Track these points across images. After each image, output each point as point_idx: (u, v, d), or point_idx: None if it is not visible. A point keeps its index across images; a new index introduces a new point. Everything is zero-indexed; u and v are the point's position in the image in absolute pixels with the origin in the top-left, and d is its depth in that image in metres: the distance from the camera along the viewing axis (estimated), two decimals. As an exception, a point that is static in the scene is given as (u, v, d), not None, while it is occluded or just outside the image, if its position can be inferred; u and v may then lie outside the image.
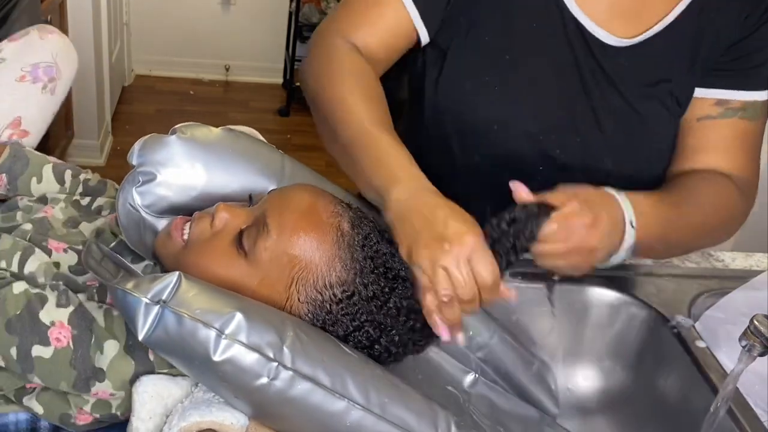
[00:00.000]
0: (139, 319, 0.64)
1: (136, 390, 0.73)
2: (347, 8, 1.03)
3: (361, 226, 0.77)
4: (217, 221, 0.78)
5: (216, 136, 0.87)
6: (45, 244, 0.84)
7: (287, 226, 0.75)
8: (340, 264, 0.74)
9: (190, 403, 0.71)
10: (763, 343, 0.81)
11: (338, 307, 0.74)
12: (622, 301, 1.11)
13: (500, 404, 0.98)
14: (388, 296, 0.75)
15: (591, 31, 0.99)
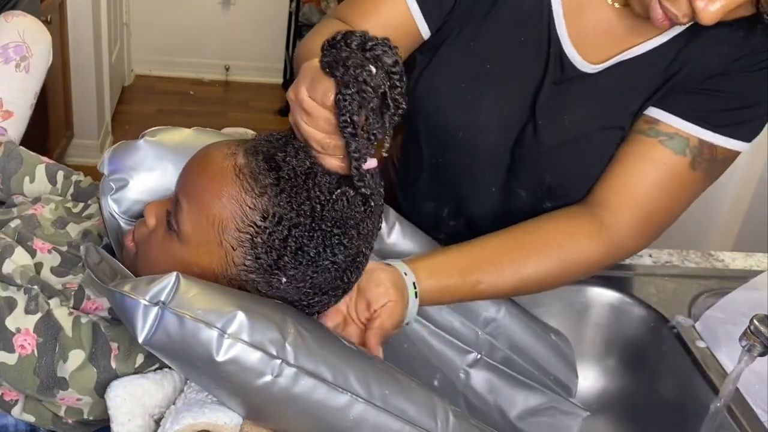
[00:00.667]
0: (138, 322, 0.63)
1: (108, 396, 0.73)
2: (348, 9, 1.01)
3: (258, 150, 0.74)
4: (148, 218, 0.78)
5: (185, 136, 0.88)
6: (30, 243, 0.84)
7: (189, 189, 0.75)
8: (249, 196, 0.71)
9: (182, 405, 0.70)
10: (763, 343, 0.81)
11: (266, 235, 0.71)
12: (622, 301, 1.11)
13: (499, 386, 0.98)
14: (307, 195, 0.71)
15: (568, 53, 0.96)
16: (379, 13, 0.97)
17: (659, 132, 0.93)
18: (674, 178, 0.93)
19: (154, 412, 0.74)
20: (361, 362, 0.71)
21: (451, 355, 0.97)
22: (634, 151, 0.94)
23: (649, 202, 0.93)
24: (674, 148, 0.92)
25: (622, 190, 0.94)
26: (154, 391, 0.73)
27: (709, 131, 0.91)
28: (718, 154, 0.92)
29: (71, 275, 0.82)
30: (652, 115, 0.94)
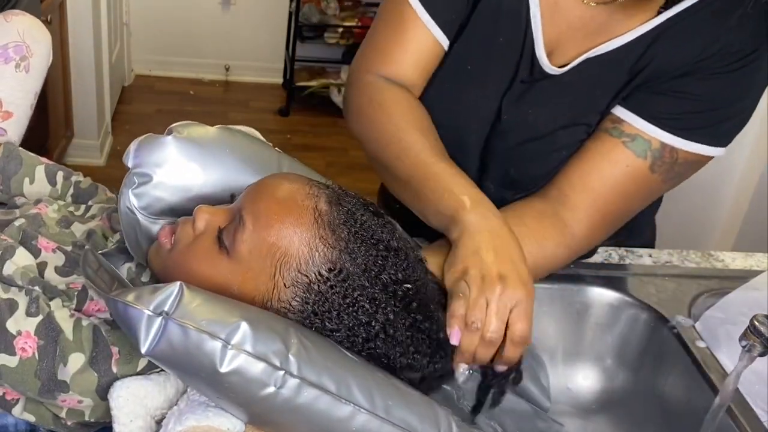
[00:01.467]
0: (141, 332, 0.63)
1: (111, 396, 0.72)
2: (372, 44, 1.04)
3: (341, 203, 0.76)
4: (198, 223, 0.77)
5: (212, 135, 0.87)
6: (35, 242, 0.83)
7: (261, 215, 0.74)
8: (322, 243, 0.72)
9: (186, 406, 0.70)
10: (763, 343, 0.81)
11: (326, 286, 0.72)
12: (622, 301, 1.11)
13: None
14: (382, 267, 0.74)
15: (538, 55, 0.96)
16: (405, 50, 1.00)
17: (622, 132, 0.94)
18: (633, 182, 0.94)
19: (155, 413, 0.74)
20: (364, 373, 0.70)
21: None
22: (598, 149, 0.95)
23: (607, 204, 0.95)
24: (635, 150, 0.93)
25: (582, 189, 0.95)
26: (156, 392, 0.73)
27: (670, 134, 0.92)
28: (679, 158, 0.93)
29: (75, 275, 0.82)
30: (617, 114, 0.95)
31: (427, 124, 0.98)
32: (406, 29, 1.00)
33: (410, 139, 0.94)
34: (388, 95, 0.99)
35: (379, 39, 1.02)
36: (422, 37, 0.99)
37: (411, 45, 1.00)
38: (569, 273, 1.12)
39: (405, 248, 0.77)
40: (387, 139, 0.96)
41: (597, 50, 0.94)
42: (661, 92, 0.92)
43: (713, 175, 2.41)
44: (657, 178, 0.94)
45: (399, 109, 0.97)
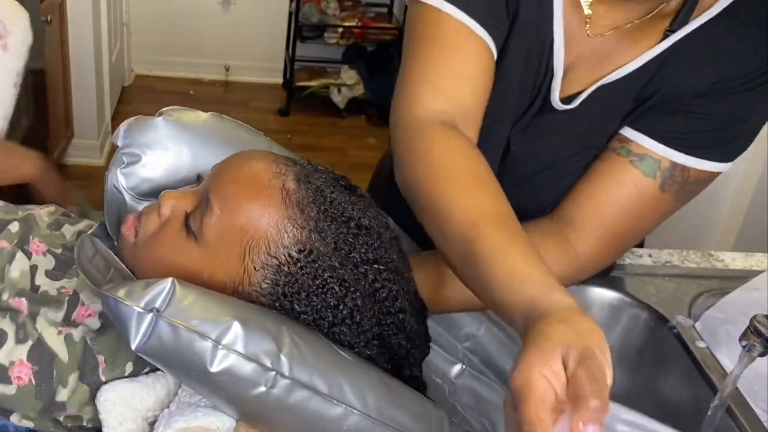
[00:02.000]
0: (132, 329, 0.62)
1: (98, 401, 0.72)
2: (412, 72, 0.86)
3: (309, 180, 0.73)
4: (164, 209, 0.75)
5: (203, 119, 0.87)
6: (27, 247, 0.83)
7: (228, 197, 0.72)
8: (291, 224, 0.71)
9: (176, 408, 0.70)
10: (763, 343, 0.81)
11: (296, 267, 0.70)
12: (622, 301, 1.11)
13: (485, 395, 0.98)
14: (352, 245, 0.72)
15: (553, 87, 0.92)
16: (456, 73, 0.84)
17: (630, 152, 0.91)
18: (642, 201, 0.91)
19: (147, 415, 0.73)
20: (358, 372, 0.70)
21: (441, 365, 0.98)
22: (605, 169, 0.93)
23: (615, 224, 0.92)
24: (644, 169, 0.90)
25: (590, 211, 0.92)
26: (145, 394, 0.73)
27: (682, 153, 0.89)
28: (690, 177, 0.91)
29: (66, 278, 0.82)
30: (625, 135, 0.92)
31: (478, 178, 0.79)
32: (452, 44, 0.84)
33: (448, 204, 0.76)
34: (435, 138, 0.81)
35: (420, 64, 0.85)
36: (475, 49, 0.84)
37: (462, 63, 0.84)
38: (569, 273, 1.12)
39: (377, 226, 0.75)
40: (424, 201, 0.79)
41: (605, 80, 0.91)
42: (670, 113, 0.90)
43: (713, 175, 2.41)
44: (668, 197, 0.91)
45: (443, 159, 0.79)
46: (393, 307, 0.74)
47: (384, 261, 0.74)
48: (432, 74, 0.84)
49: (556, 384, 0.56)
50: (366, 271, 0.72)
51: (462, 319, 0.98)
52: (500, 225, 0.72)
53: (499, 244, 0.69)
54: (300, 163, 0.77)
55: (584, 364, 0.55)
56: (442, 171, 0.78)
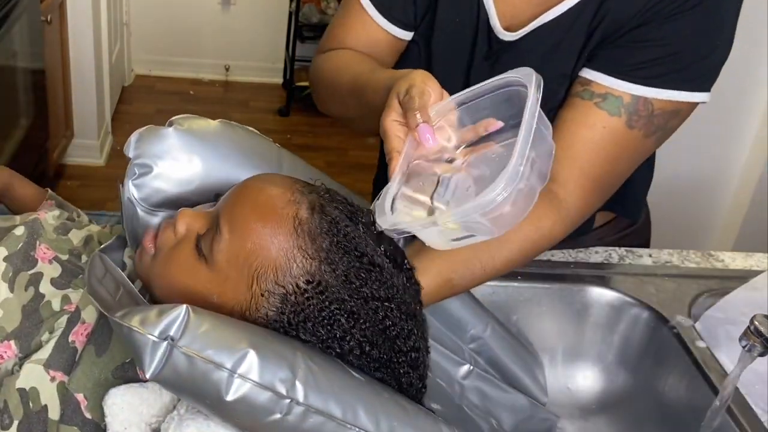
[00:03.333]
0: (146, 358, 0.62)
1: (105, 403, 0.71)
2: (328, 31, 1.10)
3: (324, 210, 0.73)
4: (179, 227, 0.75)
5: (213, 128, 0.86)
6: (33, 253, 0.82)
7: (238, 223, 0.72)
8: (300, 254, 0.70)
9: (186, 412, 0.70)
10: (763, 343, 0.81)
11: (303, 297, 0.70)
12: (622, 301, 1.11)
13: (492, 394, 0.98)
14: (363, 281, 0.71)
15: (492, 26, 0.97)
16: (356, 36, 1.06)
17: (593, 93, 0.93)
18: (614, 141, 0.92)
19: (151, 421, 0.72)
20: (371, 395, 0.69)
21: (447, 366, 0.98)
22: (573, 117, 0.94)
23: (593, 170, 0.93)
24: (609, 109, 0.92)
25: (567, 162, 0.93)
26: (152, 400, 0.72)
27: (639, 85, 0.91)
28: (655, 109, 0.92)
29: (71, 288, 0.81)
30: (584, 76, 0.94)
31: (360, 57, 1.02)
32: (352, 16, 1.05)
33: (343, 77, 0.98)
34: (336, 54, 1.05)
35: (332, 27, 1.09)
36: (365, 25, 1.04)
37: (356, 32, 1.05)
38: (569, 273, 1.12)
39: (390, 267, 0.75)
40: (332, 89, 1.01)
41: (550, 13, 0.94)
42: (621, 45, 0.92)
43: (713, 175, 2.41)
44: (637, 133, 0.93)
45: (338, 60, 1.03)
46: (405, 345, 0.73)
47: (396, 301, 0.73)
48: (333, 36, 1.09)
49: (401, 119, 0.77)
50: (377, 307, 0.72)
51: (468, 320, 0.98)
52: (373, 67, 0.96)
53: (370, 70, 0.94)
54: (319, 191, 0.76)
55: (409, 98, 0.76)
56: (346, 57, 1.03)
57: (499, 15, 0.97)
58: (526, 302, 1.08)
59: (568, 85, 0.97)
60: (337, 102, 1.04)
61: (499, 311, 1.05)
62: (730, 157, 2.37)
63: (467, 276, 0.91)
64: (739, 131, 2.29)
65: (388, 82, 0.83)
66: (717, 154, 2.36)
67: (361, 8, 1.04)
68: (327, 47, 1.09)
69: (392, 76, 0.85)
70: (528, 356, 1.05)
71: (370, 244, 0.74)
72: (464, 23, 0.99)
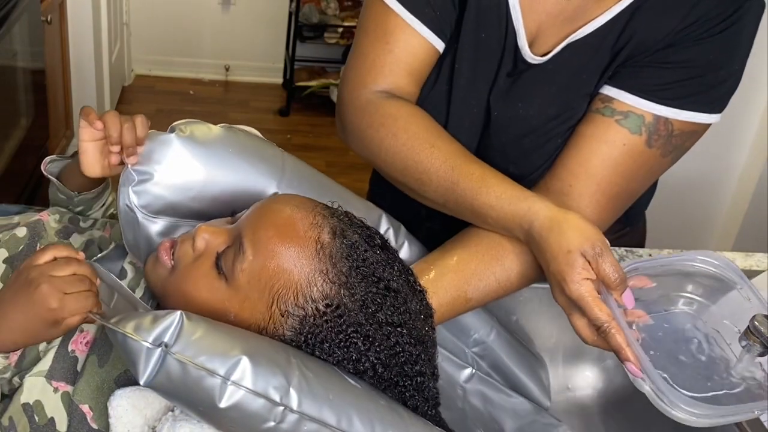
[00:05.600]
0: (140, 365, 0.62)
1: (110, 405, 0.72)
2: (359, 57, 1.00)
3: (345, 234, 0.74)
4: (198, 243, 0.75)
5: (215, 134, 0.86)
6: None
7: (262, 244, 0.72)
8: (321, 278, 0.71)
9: (181, 413, 0.70)
10: (763, 343, 0.81)
11: (322, 320, 0.71)
12: (622, 301, 1.11)
13: (494, 398, 0.98)
14: (379, 306, 0.72)
15: (520, 46, 0.96)
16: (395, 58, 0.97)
17: (614, 111, 0.93)
18: (633, 159, 0.93)
19: (155, 424, 0.73)
20: (367, 402, 0.70)
21: (449, 370, 0.98)
22: (592, 132, 0.94)
23: (610, 186, 0.93)
24: (630, 127, 0.92)
25: (584, 177, 0.93)
26: (157, 403, 0.72)
27: (662, 105, 0.91)
28: (674, 129, 0.92)
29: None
30: (606, 93, 0.94)
31: (436, 131, 0.96)
32: (392, 36, 0.97)
33: (426, 158, 0.92)
34: (389, 112, 0.96)
35: (367, 52, 0.99)
36: (412, 42, 0.97)
37: (401, 53, 0.97)
38: (569, 273, 1.12)
39: (404, 290, 0.76)
40: (401, 164, 0.94)
41: (576, 35, 0.93)
42: (646, 65, 0.92)
43: (713, 175, 2.41)
44: (656, 152, 0.93)
45: (403, 125, 0.95)
46: (412, 370, 0.74)
47: (408, 327, 0.74)
48: (377, 58, 0.98)
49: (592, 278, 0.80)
50: (389, 332, 0.73)
51: (472, 324, 0.98)
52: (471, 161, 0.92)
53: (479, 177, 0.90)
54: (337, 214, 0.77)
55: (600, 257, 0.80)
56: (404, 135, 0.94)
57: (526, 33, 0.95)
58: (526, 302, 1.08)
59: (588, 102, 0.96)
60: (409, 177, 0.96)
61: (499, 311, 1.05)
62: (730, 157, 2.37)
63: (481, 289, 0.91)
64: (739, 131, 2.29)
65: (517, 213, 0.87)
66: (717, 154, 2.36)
67: (407, 28, 0.96)
68: (371, 84, 0.98)
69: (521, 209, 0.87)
70: (532, 360, 1.05)
71: (387, 269, 0.75)
72: (491, 39, 0.97)
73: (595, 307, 0.79)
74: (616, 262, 0.80)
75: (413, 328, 0.75)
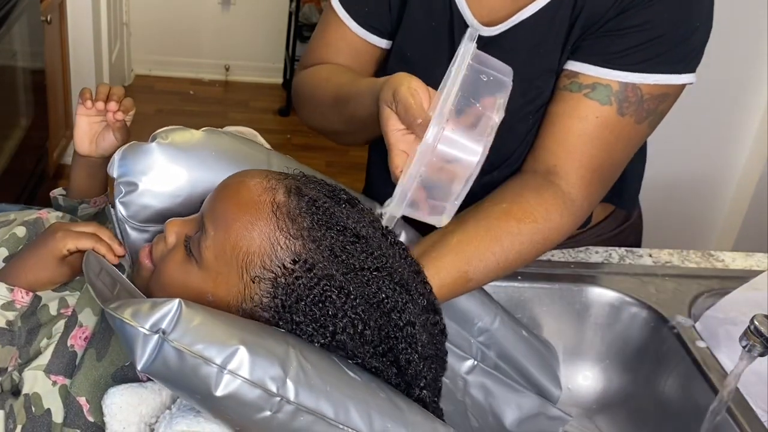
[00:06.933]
0: (138, 350, 0.62)
1: (104, 403, 0.72)
2: (311, 54, 1.11)
3: (302, 192, 0.74)
4: (169, 237, 0.76)
5: (197, 139, 0.86)
6: None
7: (219, 217, 0.73)
8: (282, 235, 0.71)
9: (177, 410, 0.70)
10: (763, 343, 0.81)
11: (292, 278, 0.70)
12: (622, 301, 1.11)
13: (495, 391, 0.98)
14: (350, 254, 0.72)
15: (468, 22, 0.97)
16: (337, 49, 1.07)
17: (581, 85, 0.93)
18: (608, 130, 0.93)
19: (150, 421, 0.73)
20: (365, 394, 0.69)
21: (450, 362, 0.97)
22: (563, 110, 0.95)
23: (591, 160, 0.94)
24: (599, 99, 0.92)
25: (564, 155, 0.94)
26: (151, 400, 0.73)
27: (626, 72, 0.91)
28: (644, 94, 0.92)
29: (68, 291, 0.82)
30: (570, 69, 0.95)
31: (336, 69, 1.04)
32: (329, 31, 1.07)
33: (323, 93, 1.00)
34: (309, 74, 1.07)
35: (312, 47, 1.11)
36: (345, 34, 1.06)
37: (333, 40, 1.07)
38: (569, 273, 1.12)
39: (376, 237, 0.75)
40: (320, 116, 1.03)
41: (527, 10, 0.94)
42: (603, 35, 0.92)
43: (713, 175, 2.42)
44: (629, 120, 0.93)
45: (315, 77, 1.05)
46: (401, 319, 0.73)
47: (387, 270, 0.73)
48: (313, 49, 1.10)
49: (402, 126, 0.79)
50: (368, 279, 0.72)
51: (476, 313, 0.97)
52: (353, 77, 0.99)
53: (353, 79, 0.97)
54: (293, 176, 0.77)
55: (398, 104, 0.78)
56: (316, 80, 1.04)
57: (474, 14, 0.97)
58: (527, 302, 1.08)
59: (554, 79, 0.97)
60: (319, 116, 1.05)
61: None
62: (730, 157, 2.38)
63: (481, 269, 0.91)
64: (739, 131, 2.30)
65: (370, 90, 0.85)
66: (717, 154, 2.36)
67: (339, 20, 1.05)
68: (308, 63, 1.10)
69: (373, 83, 0.86)
70: (540, 346, 1.04)
71: (352, 217, 0.74)
72: (439, 25, 0.99)
73: (395, 157, 0.79)
74: (411, 104, 0.77)
75: (393, 271, 0.73)
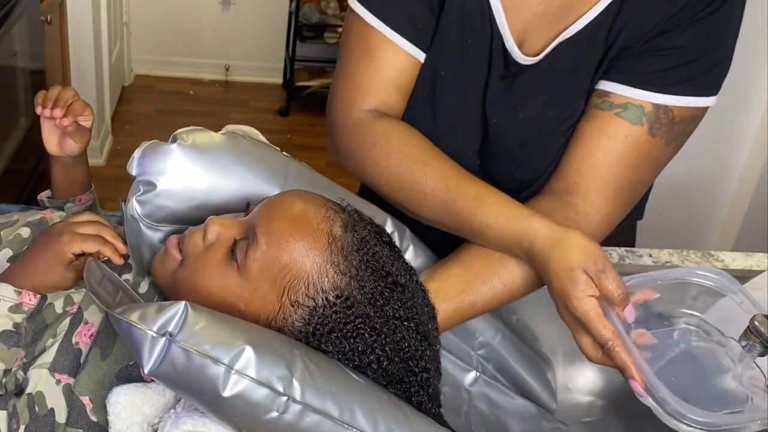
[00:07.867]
0: (145, 353, 0.63)
1: (109, 402, 0.72)
2: (345, 77, 1.00)
3: (356, 229, 0.76)
4: (209, 234, 0.76)
5: (218, 142, 0.86)
6: None
7: (275, 235, 0.73)
8: (333, 269, 0.72)
9: (183, 410, 0.70)
10: (763, 343, 0.81)
11: (331, 311, 0.72)
12: (622, 301, 1.10)
13: (499, 401, 0.98)
14: (387, 300, 0.73)
15: (509, 48, 0.95)
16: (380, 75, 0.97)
17: (612, 104, 0.92)
18: (637, 150, 0.92)
19: (154, 421, 0.73)
20: (369, 397, 0.70)
21: (454, 373, 0.97)
22: (593, 128, 0.93)
23: (616, 179, 0.93)
24: (630, 118, 0.91)
25: (588, 172, 0.93)
26: (155, 400, 0.73)
27: (660, 93, 0.91)
28: (675, 116, 0.92)
29: (73, 288, 0.82)
30: (602, 88, 0.94)
31: (429, 149, 0.96)
32: (377, 53, 0.96)
33: (420, 178, 0.92)
34: (381, 132, 0.96)
35: (354, 71, 0.99)
36: (396, 58, 0.97)
37: (387, 69, 0.97)
38: (569, 273, 1.12)
39: (411, 286, 0.77)
40: (396, 185, 0.94)
41: (567, 33, 0.93)
42: (639, 55, 0.92)
43: (713, 175, 2.41)
44: (659, 141, 0.93)
45: (396, 145, 0.95)
46: (417, 366, 0.75)
47: (414, 321, 0.75)
48: (363, 77, 0.98)
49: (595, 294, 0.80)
50: (396, 326, 0.73)
51: (477, 327, 0.98)
52: (466, 179, 0.92)
53: (476, 196, 0.89)
54: (348, 210, 0.78)
55: (603, 273, 0.79)
56: (403, 154, 0.94)
57: (513, 35, 0.95)
58: (526, 302, 1.08)
59: (585, 99, 0.96)
60: (404, 197, 0.96)
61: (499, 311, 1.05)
62: (730, 157, 2.37)
63: (485, 293, 0.91)
64: (739, 131, 2.29)
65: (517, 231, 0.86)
66: (717, 154, 2.36)
67: (386, 41, 0.96)
68: (360, 103, 0.98)
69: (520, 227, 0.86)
70: (539, 361, 1.05)
71: (395, 265, 0.76)
72: (477, 44, 0.96)
73: (599, 325, 0.79)
74: (619, 277, 0.80)
75: (419, 323, 0.76)
